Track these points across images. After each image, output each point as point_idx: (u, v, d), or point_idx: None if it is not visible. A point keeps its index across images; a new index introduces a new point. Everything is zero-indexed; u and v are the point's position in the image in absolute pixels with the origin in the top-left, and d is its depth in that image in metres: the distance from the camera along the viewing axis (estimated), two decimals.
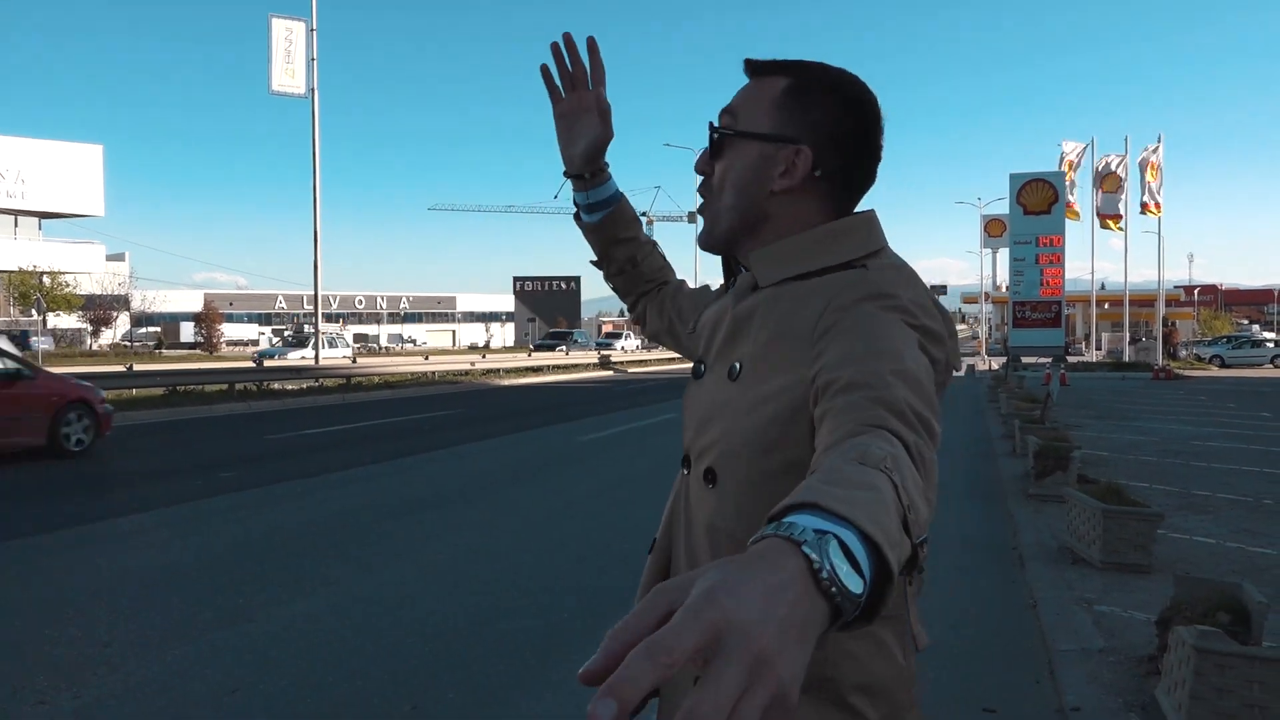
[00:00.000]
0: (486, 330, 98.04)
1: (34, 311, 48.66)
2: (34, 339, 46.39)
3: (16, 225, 63.21)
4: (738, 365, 1.24)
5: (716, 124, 1.33)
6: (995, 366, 40.78)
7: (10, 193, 60.83)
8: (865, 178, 1.31)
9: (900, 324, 1.12)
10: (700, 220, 1.40)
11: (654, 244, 1.77)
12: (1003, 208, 43.44)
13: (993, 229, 57.32)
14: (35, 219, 64.33)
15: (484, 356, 36.50)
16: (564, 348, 49.58)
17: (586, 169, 1.63)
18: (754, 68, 1.32)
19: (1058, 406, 15.87)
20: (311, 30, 29.96)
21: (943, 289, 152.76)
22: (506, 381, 31.80)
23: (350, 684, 4.16)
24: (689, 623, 0.59)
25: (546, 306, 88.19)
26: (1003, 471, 10.70)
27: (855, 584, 0.68)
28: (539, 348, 50.96)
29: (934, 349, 1.14)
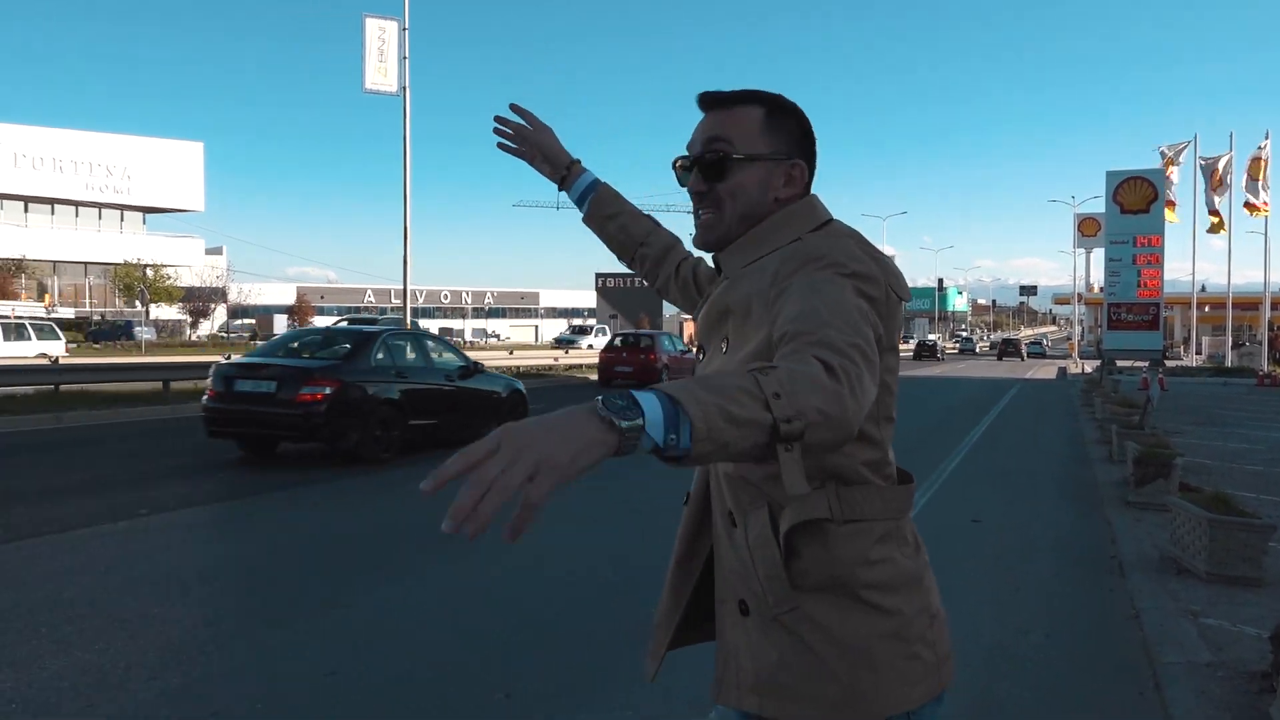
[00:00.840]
0: (569, 326, 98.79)
1: (137, 303, 50.63)
2: (137, 329, 48.30)
3: (122, 220, 65.86)
4: (725, 342, 1.54)
5: (700, 152, 1.59)
6: (1089, 370, 39.63)
7: (117, 189, 63.43)
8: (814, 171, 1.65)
9: (833, 278, 1.38)
10: (699, 224, 1.65)
11: (652, 221, 2.07)
12: (1098, 206, 42.20)
13: (1087, 228, 55.70)
14: (140, 214, 66.93)
15: (566, 352, 36.76)
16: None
17: (557, 175, 2.07)
18: (720, 99, 1.59)
19: (1156, 412, 15.34)
20: (404, 29, 30.53)
21: (1033, 289, 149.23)
22: (592, 376, 32.02)
23: (444, 670, 4.23)
24: (484, 440, 1.00)
25: (628, 303, 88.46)
26: (1099, 477, 10.39)
27: (628, 419, 1.04)
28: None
29: (868, 288, 1.40)
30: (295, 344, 11.88)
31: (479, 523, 0.96)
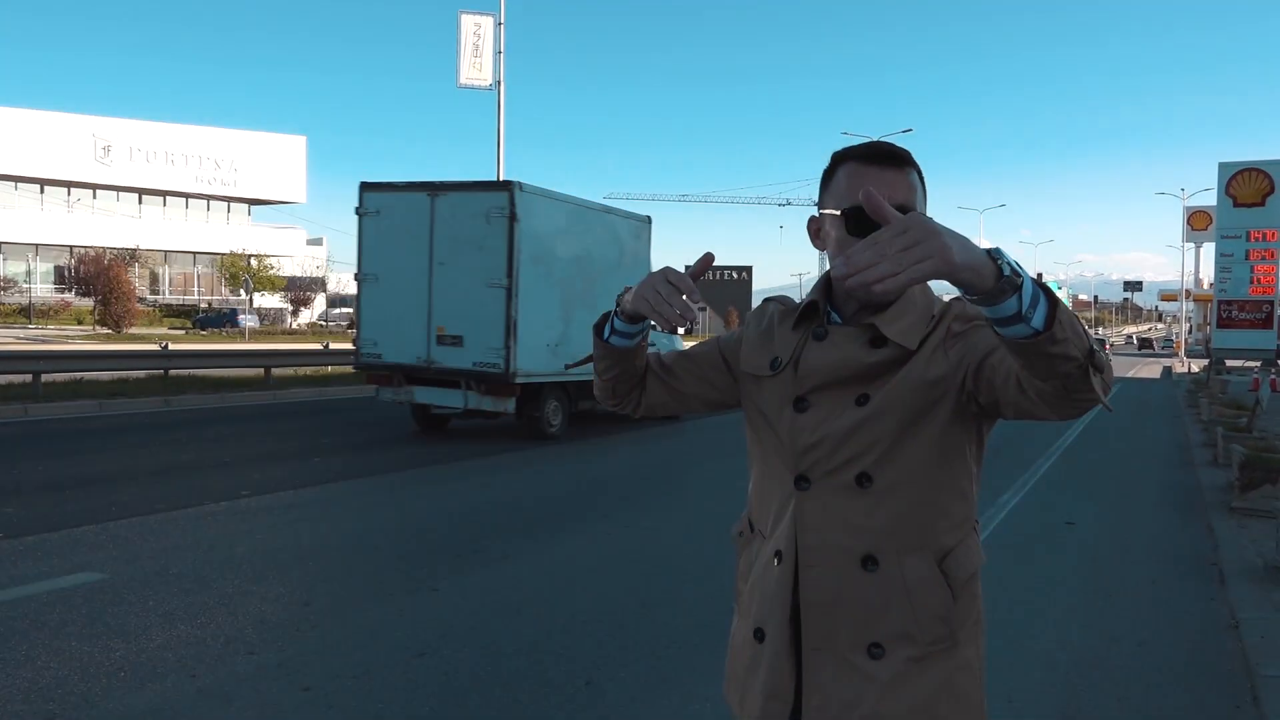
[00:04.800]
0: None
1: (242, 292, 52.48)
2: (241, 317, 50.08)
3: (229, 211, 68.27)
4: (864, 398, 1.52)
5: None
6: (1195, 369, 38.12)
7: (225, 181, 65.76)
8: None
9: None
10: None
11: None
12: (1209, 199, 40.47)
13: (1197, 221, 53.49)
14: (245, 205, 69.29)
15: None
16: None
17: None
18: (900, 157, 1.56)
19: (1266, 414, 14.68)
20: (499, 24, 30.94)
21: (1138, 285, 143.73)
22: None
23: (527, 655, 4.33)
24: (893, 223, 1.11)
25: (718, 295, 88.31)
26: (1202, 482, 10.02)
27: (1013, 270, 1.13)
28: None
29: None
30: None
31: (868, 279, 1.08)
